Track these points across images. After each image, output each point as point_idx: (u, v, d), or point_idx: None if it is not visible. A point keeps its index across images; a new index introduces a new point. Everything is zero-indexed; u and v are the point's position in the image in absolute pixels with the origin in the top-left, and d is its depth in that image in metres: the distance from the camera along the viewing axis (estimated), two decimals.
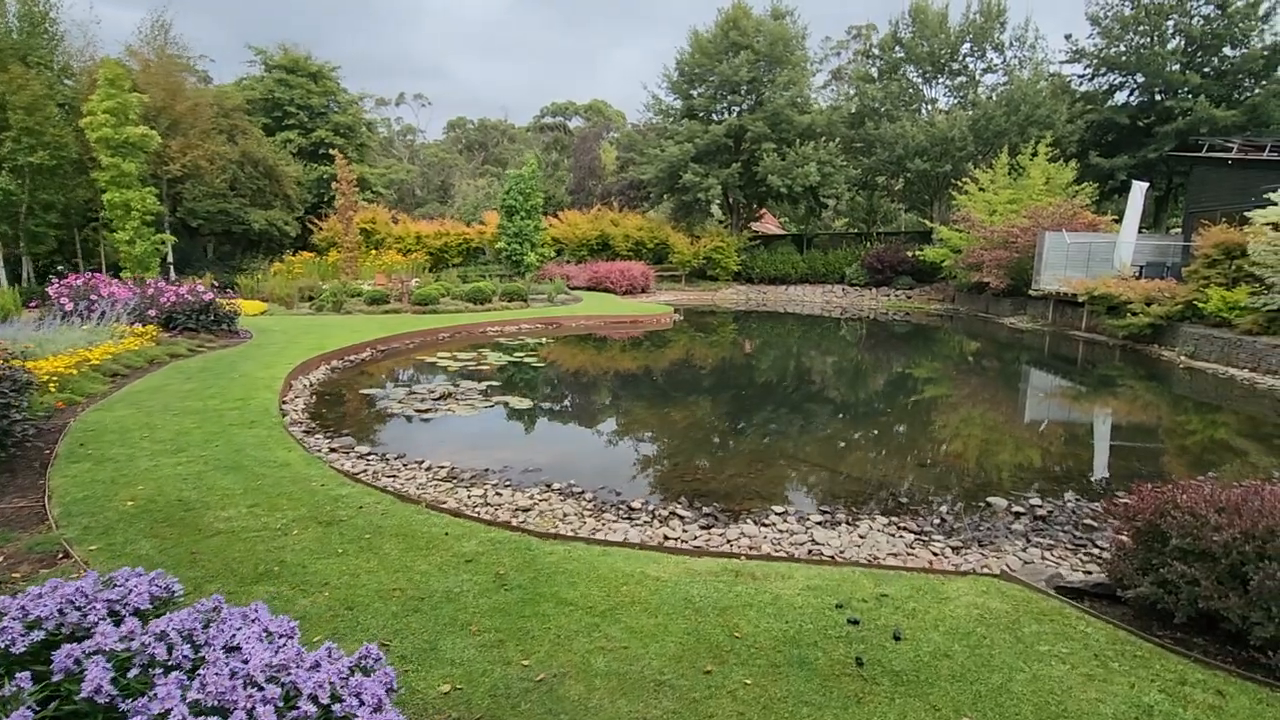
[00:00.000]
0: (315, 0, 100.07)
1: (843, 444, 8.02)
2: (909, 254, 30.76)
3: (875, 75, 34.43)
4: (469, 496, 5.50)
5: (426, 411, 8.65)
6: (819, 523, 5.21)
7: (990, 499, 5.86)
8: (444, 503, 5.23)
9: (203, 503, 4.49)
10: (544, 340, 15.94)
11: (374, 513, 4.39)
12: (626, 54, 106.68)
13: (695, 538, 4.84)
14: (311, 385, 10.00)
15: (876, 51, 35.50)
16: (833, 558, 4.44)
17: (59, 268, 24.33)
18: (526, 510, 5.25)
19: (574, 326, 18.95)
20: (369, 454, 6.69)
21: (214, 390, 8.14)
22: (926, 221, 31.25)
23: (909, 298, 29.82)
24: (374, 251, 29.74)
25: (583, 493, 5.80)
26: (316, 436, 7.26)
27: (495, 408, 9.04)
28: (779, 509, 5.49)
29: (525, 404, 9.34)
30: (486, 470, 6.38)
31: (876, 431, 8.84)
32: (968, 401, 10.92)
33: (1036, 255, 20.56)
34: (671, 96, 34.36)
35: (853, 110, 34.14)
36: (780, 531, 5.00)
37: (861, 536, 4.93)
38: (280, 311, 18.71)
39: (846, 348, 17.86)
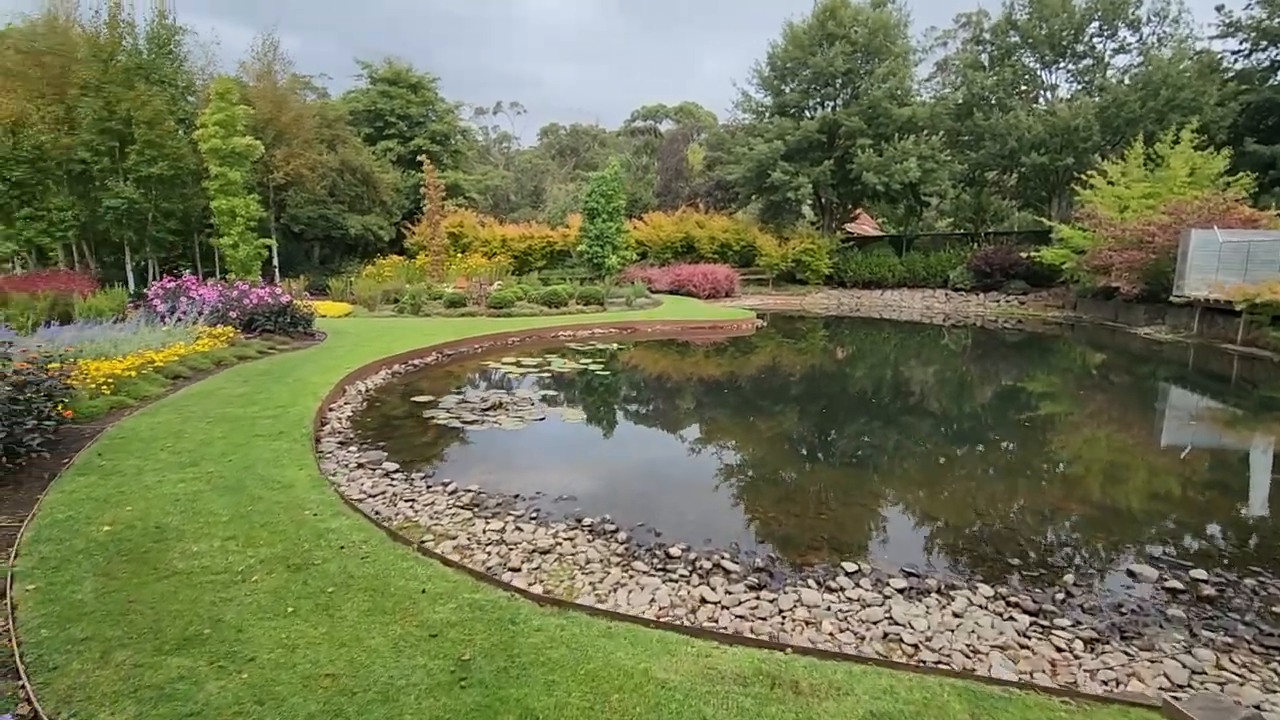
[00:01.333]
0: (426, 19, 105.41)
1: (940, 479, 6.77)
2: (1022, 256, 27.97)
3: (986, 63, 31.64)
4: (484, 531, 4.80)
5: (473, 423, 8.11)
6: (901, 590, 4.13)
7: (1134, 566, 4.55)
8: (450, 538, 4.55)
9: (179, 532, 4.01)
10: (616, 346, 15.27)
11: (354, 556, 3.75)
12: (721, 55, 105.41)
13: (739, 603, 3.90)
14: (366, 391, 9.74)
15: (988, 37, 32.64)
16: (913, 656, 3.38)
17: (182, 270, 26.17)
18: (544, 553, 4.49)
19: (650, 332, 18.21)
20: (394, 472, 6.16)
21: (262, 395, 7.94)
22: (1044, 220, 28.29)
23: (1021, 304, 27.10)
24: (460, 255, 30.26)
25: (615, 531, 4.98)
26: (350, 449, 6.84)
27: (545, 421, 8.39)
28: (851, 566, 4.45)
29: (578, 418, 8.64)
30: (515, 497, 5.68)
31: (983, 464, 7.49)
32: (1098, 429, 9.24)
33: (1179, 256, 17.88)
34: (762, 93, 33.03)
35: (959, 101, 31.50)
36: (849, 602, 3.97)
37: (957, 616, 3.81)
38: (363, 314, 19.09)
39: (949, 358, 16.10)
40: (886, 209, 37.64)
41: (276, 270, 27.51)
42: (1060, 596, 4.13)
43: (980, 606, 3.94)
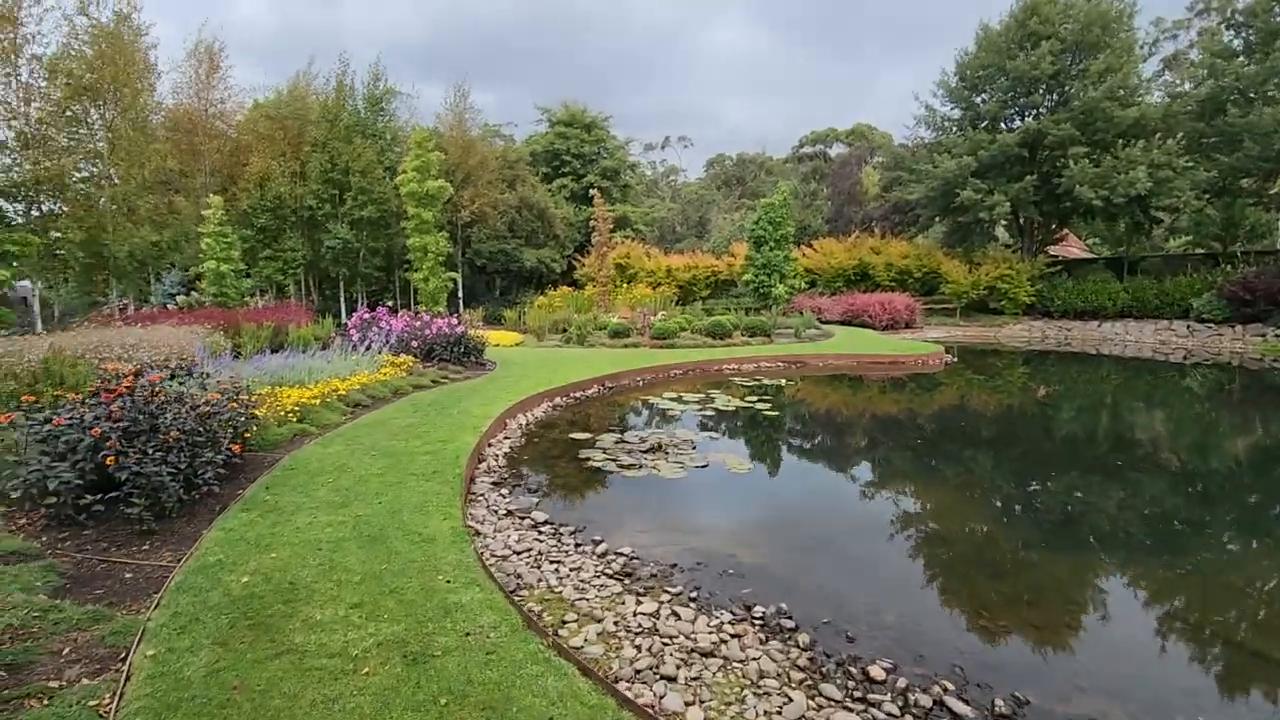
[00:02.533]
0: (613, 65, 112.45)
1: (1223, 567, 4.92)
2: None
3: (1240, 49, 26.37)
4: (634, 615, 4.02)
5: (629, 467, 7.48)
6: None
7: None
8: (594, 620, 3.82)
9: (309, 591, 3.67)
10: (784, 382, 14.11)
11: (478, 649, 3.13)
12: (894, 78, 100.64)
13: None
14: (525, 425, 9.55)
15: (1241, 19, 27.25)
16: None
17: (385, 302, 29.10)
18: (706, 655, 3.60)
19: (821, 366, 16.77)
20: (543, 523, 5.62)
21: (426, 427, 7.93)
22: None
23: None
24: (626, 285, 30.69)
25: (795, 630, 3.96)
26: (502, 491, 6.47)
27: (708, 469, 7.54)
28: None
29: (744, 466, 7.68)
30: (673, 567, 4.86)
31: None
32: None
33: None
34: (948, 106, 30.30)
35: (1202, 96, 26.47)
36: None
37: None
38: (532, 343, 19.65)
39: (1206, 408, 12.93)
40: (1102, 227, 32.66)
41: (461, 301, 29.67)
42: None
43: None
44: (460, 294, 29.67)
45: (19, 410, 4.77)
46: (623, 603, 4.18)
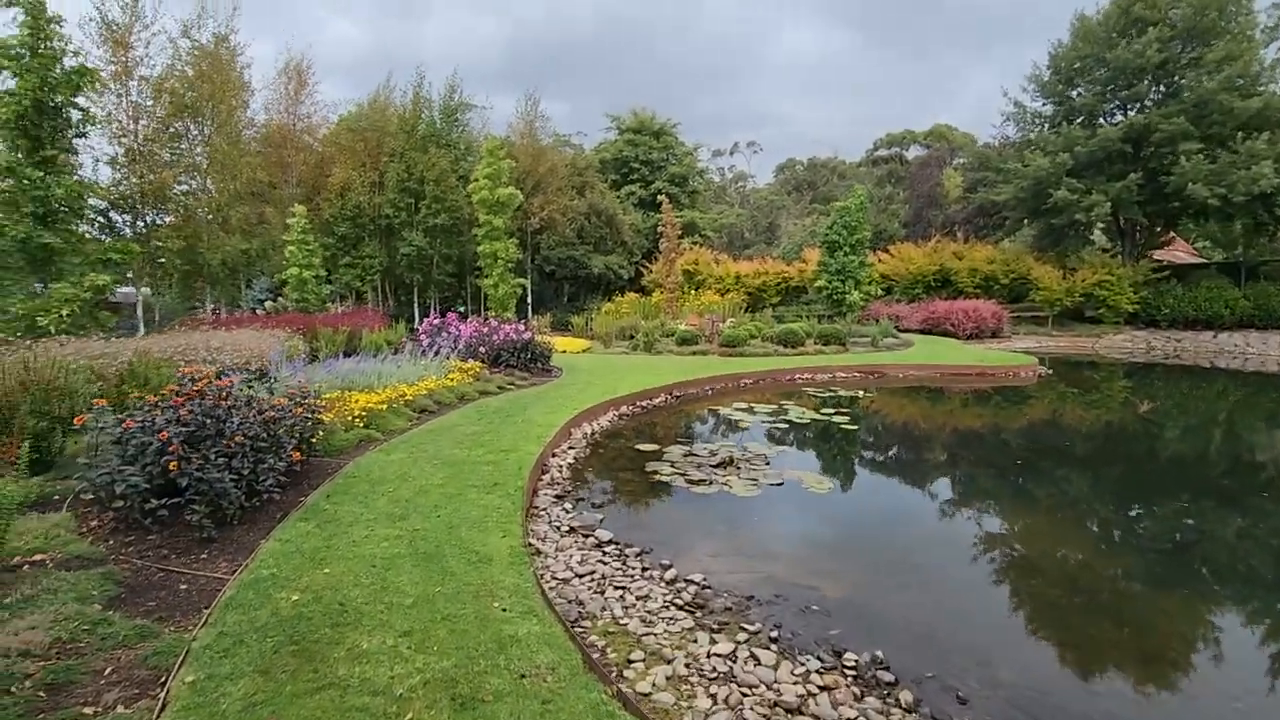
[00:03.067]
0: (682, 73, 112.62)
1: None
2: None
3: None
4: (708, 655, 3.58)
5: (699, 483, 7.05)
6: None
7: None
8: (664, 660, 3.42)
9: (358, 615, 3.43)
10: (861, 393, 13.33)
11: (533, 696, 2.78)
12: (974, 77, 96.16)
13: None
14: (591, 435, 9.26)
15: None
16: None
17: (456, 307, 29.70)
18: (793, 713, 3.13)
19: (901, 377, 15.84)
20: (608, 542, 5.27)
21: (489, 436, 7.74)
22: None
23: None
24: (694, 292, 30.24)
25: (895, 685, 3.44)
26: (564, 505, 6.16)
27: (783, 486, 7.01)
28: None
29: (822, 485, 7.10)
30: (749, 599, 4.41)
31: None
32: None
33: None
34: (1039, 101, 28.52)
35: None
36: None
37: None
38: (599, 349, 19.47)
39: None
40: (1216, 229, 29.89)
41: (529, 307, 29.94)
42: None
43: None
44: (529, 300, 29.95)
45: (89, 413, 4.78)
46: (695, 640, 3.76)
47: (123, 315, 22.27)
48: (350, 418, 7.71)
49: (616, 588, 4.46)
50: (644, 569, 4.83)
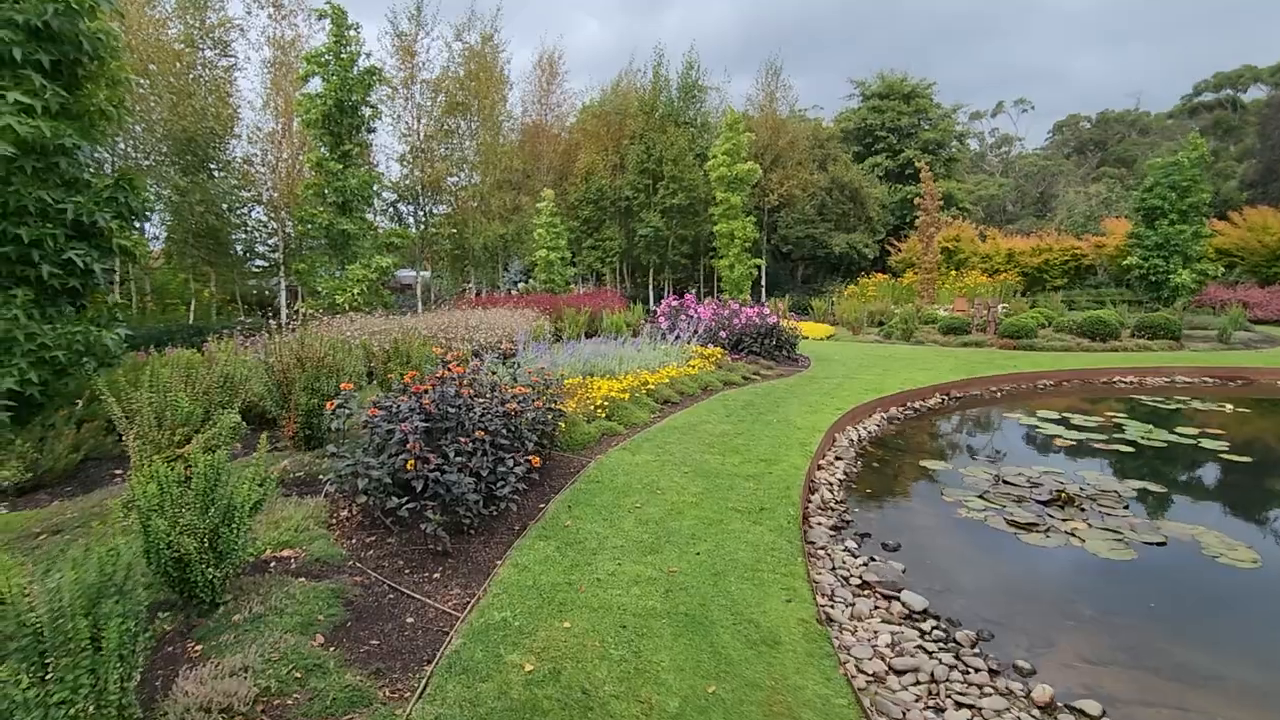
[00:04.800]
0: (931, 33, 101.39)
1: None
2: None
3: None
4: None
5: (1029, 527, 5.16)
6: None
7: None
8: None
9: (604, 715, 2.42)
10: (1229, 407, 9.81)
11: None
12: None
13: None
14: (858, 442, 7.66)
15: None
16: None
17: (690, 290, 29.39)
18: None
19: (1279, 385, 11.61)
20: (921, 614, 3.77)
21: (743, 439, 6.59)
22: None
23: None
24: (954, 272, 26.32)
25: None
26: (845, 543, 4.75)
27: (1169, 547, 4.83)
28: None
29: (1243, 554, 4.75)
30: None
31: None
32: None
33: None
34: None
35: None
36: None
37: None
38: (846, 336, 17.44)
39: None
40: None
41: (763, 290, 28.51)
42: None
43: None
44: (762, 282, 28.52)
45: (336, 399, 4.50)
46: None
47: (406, 295, 25.39)
48: (592, 407, 7.08)
49: (960, 705, 2.98)
50: (992, 673, 3.27)
